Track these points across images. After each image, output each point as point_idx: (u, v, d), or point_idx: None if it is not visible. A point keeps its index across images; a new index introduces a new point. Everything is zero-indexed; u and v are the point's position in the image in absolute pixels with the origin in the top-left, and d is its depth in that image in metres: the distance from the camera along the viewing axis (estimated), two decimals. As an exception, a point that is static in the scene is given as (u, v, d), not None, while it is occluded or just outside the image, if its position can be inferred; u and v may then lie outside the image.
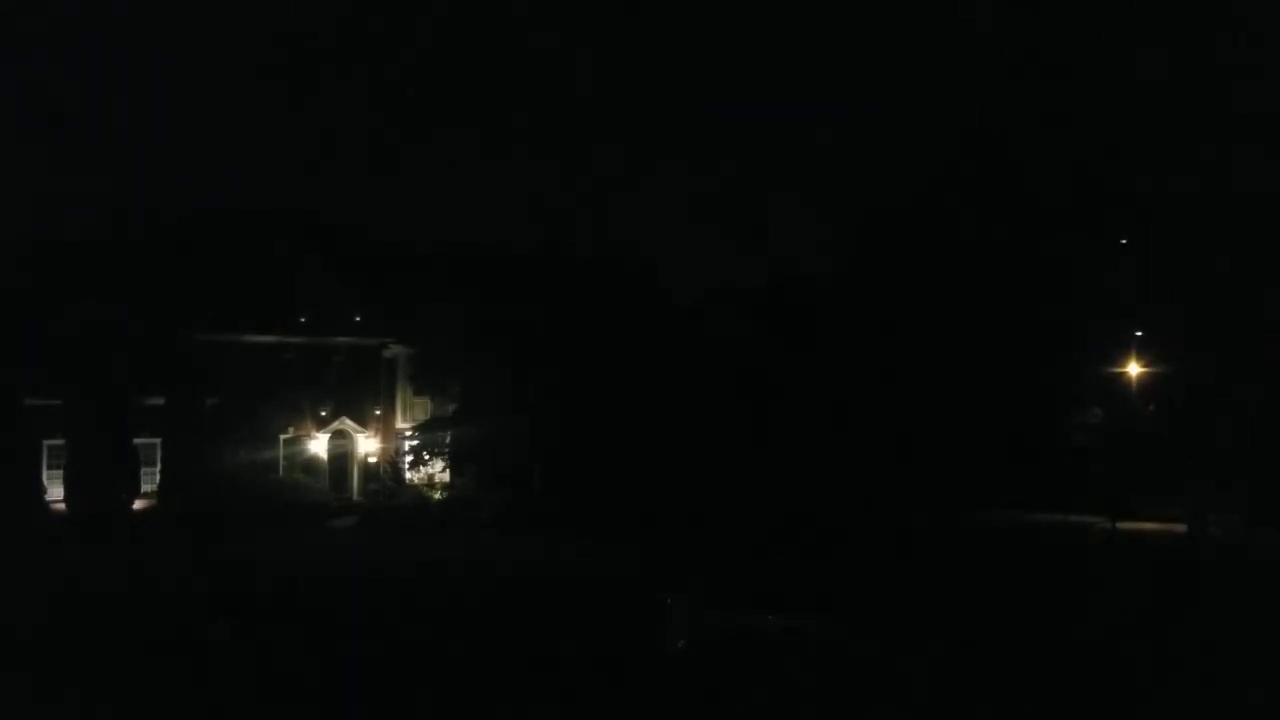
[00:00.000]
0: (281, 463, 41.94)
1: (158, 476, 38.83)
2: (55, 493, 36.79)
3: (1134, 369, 41.24)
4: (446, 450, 44.05)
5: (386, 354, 45.43)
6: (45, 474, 37.10)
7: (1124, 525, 35.83)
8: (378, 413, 45.07)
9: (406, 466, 44.71)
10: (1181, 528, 35.68)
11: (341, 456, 43.92)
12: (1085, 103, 43.39)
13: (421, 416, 45.79)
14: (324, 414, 43.08)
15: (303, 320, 42.44)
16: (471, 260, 45.94)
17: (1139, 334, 41.28)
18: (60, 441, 36.84)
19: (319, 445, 42.95)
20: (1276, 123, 40.63)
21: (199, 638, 20.86)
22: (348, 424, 43.77)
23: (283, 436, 42.21)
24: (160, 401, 39.15)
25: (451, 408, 44.05)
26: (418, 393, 46.00)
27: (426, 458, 44.15)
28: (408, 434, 45.45)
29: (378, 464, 44.41)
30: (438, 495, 43.01)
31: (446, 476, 44.63)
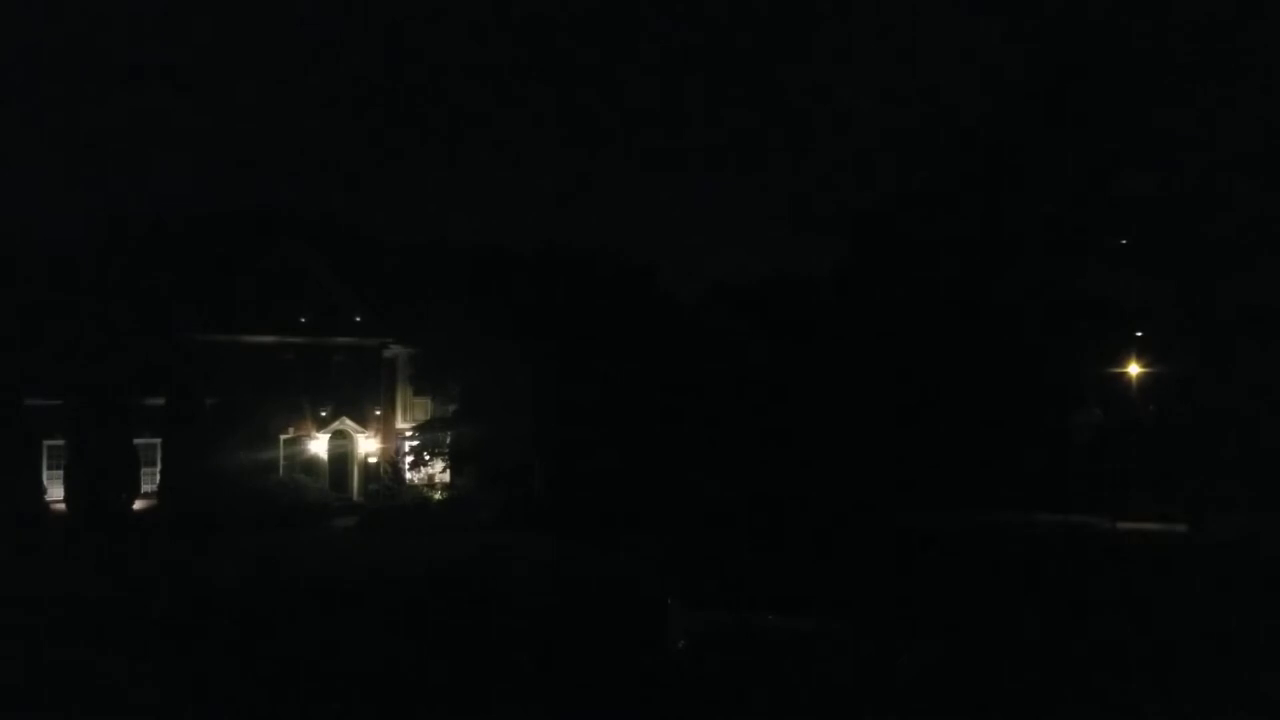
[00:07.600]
0: (281, 463, 41.87)
1: (158, 476, 38.80)
2: (55, 493, 36.75)
3: (1134, 369, 41.23)
4: (446, 450, 44.09)
5: (386, 354, 45.39)
6: (45, 474, 37.07)
7: (1124, 525, 35.83)
8: (378, 413, 45.04)
9: (406, 466, 44.76)
10: (1182, 527, 35.69)
11: (341, 456, 43.87)
12: (1085, 102, 43.38)
13: (421, 416, 45.80)
14: (324, 414, 43.04)
15: (303, 320, 42.37)
16: (472, 259, 45.95)
17: (1139, 334, 41.28)
18: (60, 441, 36.80)
19: (319, 445, 42.91)
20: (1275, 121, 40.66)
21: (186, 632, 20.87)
22: (348, 424, 43.73)
23: (283, 436, 42.14)
24: (160, 401, 39.11)
25: (451, 408, 44.08)
26: (418, 393, 46.01)
27: (426, 458, 44.22)
28: (408, 434, 45.44)
29: (378, 464, 44.37)
30: (438, 495, 43.04)
31: (446, 476, 44.67)
